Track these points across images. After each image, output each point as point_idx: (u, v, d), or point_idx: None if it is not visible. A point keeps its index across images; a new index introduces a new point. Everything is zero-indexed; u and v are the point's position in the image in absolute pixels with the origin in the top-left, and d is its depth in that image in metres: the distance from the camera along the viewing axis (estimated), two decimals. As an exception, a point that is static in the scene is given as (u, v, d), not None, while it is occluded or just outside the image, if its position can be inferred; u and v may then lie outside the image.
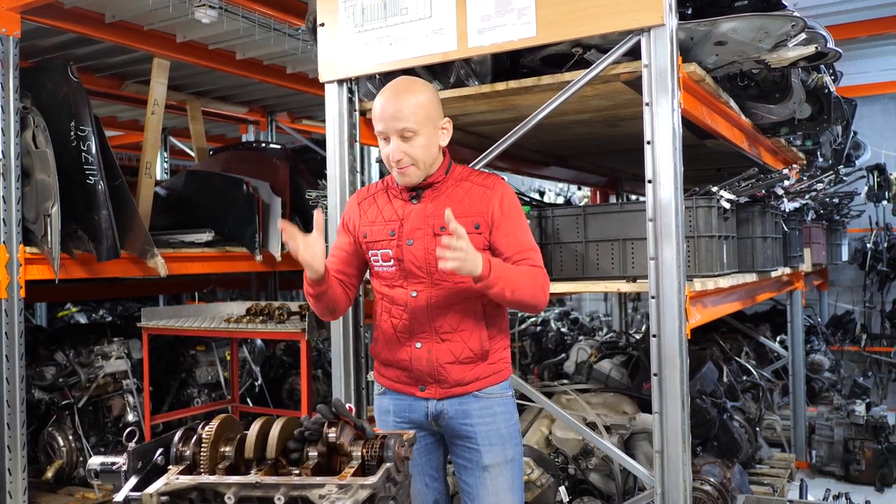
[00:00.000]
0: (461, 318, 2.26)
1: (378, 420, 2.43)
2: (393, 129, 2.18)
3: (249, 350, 5.59)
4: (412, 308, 2.26)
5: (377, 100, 2.23)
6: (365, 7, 2.86)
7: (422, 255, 2.24)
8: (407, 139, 2.19)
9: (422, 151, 2.21)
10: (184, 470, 1.82)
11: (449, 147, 3.76)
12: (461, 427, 2.30)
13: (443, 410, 2.30)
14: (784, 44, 2.74)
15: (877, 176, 7.65)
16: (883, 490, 5.08)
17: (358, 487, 1.66)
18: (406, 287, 2.28)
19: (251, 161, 5.80)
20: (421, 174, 2.25)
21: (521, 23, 2.57)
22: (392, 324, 2.31)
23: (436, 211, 2.24)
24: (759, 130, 3.86)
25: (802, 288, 5.43)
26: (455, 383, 2.28)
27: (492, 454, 2.29)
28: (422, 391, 2.31)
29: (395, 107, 2.18)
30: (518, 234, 2.26)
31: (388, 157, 2.22)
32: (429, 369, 2.27)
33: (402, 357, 2.31)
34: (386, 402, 2.41)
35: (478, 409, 2.29)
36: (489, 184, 2.29)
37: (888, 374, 7.79)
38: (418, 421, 2.34)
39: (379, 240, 2.30)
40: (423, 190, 2.28)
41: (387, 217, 2.31)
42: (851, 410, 5.35)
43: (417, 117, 2.19)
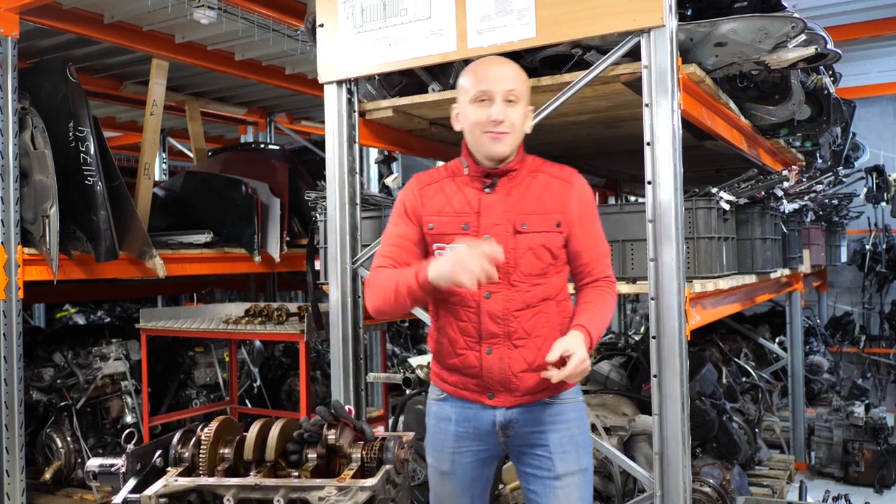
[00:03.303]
0: (536, 323, 2.10)
1: (433, 427, 2.24)
2: (500, 89, 2.04)
3: (248, 351, 5.57)
4: (484, 311, 2.08)
5: (473, 67, 2.12)
6: (364, 8, 2.86)
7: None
8: (511, 103, 2.05)
9: (520, 121, 2.08)
10: (183, 472, 1.82)
11: (448, 147, 3.76)
12: (532, 435, 2.15)
13: (512, 419, 2.13)
14: (784, 45, 2.74)
15: (876, 177, 7.65)
16: (882, 492, 5.08)
17: (357, 489, 1.66)
18: (478, 287, 2.02)
19: (250, 162, 5.79)
20: (512, 147, 2.08)
21: (520, 24, 2.57)
22: (459, 327, 2.12)
23: (516, 204, 2.09)
24: (759, 132, 3.86)
25: (801, 289, 5.43)
26: (526, 392, 2.12)
27: (566, 463, 2.14)
28: (490, 399, 2.13)
29: (502, 70, 2.10)
30: (595, 235, 2.16)
31: (487, 119, 2.04)
32: (500, 377, 2.10)
33: (470, 363, 2.12)
34: (447, 410, 2.20)
35: (550, 416, 2.15)
36: (567, 176, 2.16)
37: (887, 376, 7.79)
38: (483, 431, 2.16)
39: (448, 233, 2.11)
40: (499, 178, 2.11)
41: (457, 208, 2.12)
42: (850, 412, 5.35)
43: (521, 86, 2.09)
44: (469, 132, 2.11)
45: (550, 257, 2.09)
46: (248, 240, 5.05)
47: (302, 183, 5.66)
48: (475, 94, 2.07)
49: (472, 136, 2.09)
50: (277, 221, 5.20)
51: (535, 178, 2.13)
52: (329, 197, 3.02)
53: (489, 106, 2.04)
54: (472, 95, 2.08)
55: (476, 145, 2.10)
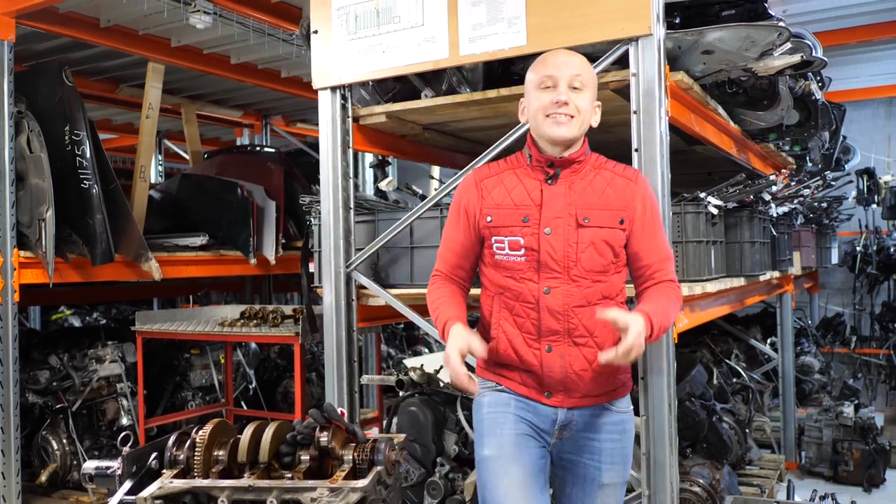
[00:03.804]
0: (595, 321, 2.03)
1: (488, 416, 2.12)
2: (566, 74, 2.02)
3: (244, 353, 5.61)
4: (544, 306, 2.02)
5: (539, 59, 2.12)
6: (358, 15, 2.90)
7: (561, 247, 2.01)
8: (576, 90, 2.03)
9: (585, 108, 2.05)
10: (178, 474, 1.86)
11: (441, 151, 3.80)
12: (586, 441, 2.10)
13: (572, 420, 2.08)
14: (770, 53, 2.78)
15: (866, 180, 7.72)
16: (870, 490, 5.13)
17: (349, 491, 1.70)
18: (538, 282, 2.02)
19: (246, 165, 5.83)
20: (575, 133, 2.04)
21: (511, 32, 2.61)
22: (516, 322, 2.06)
23: (579, 198, 2.05)
24: (748, 136, 3.90)
25: (792, 291, 5.48)
26: (585, 394, 2.07)
27: (612, 473, 2.11)
28: (547, 398, 2.07)
29: (568, 57, 2.08)
30: (658, 238, 2.11)
31: (550, 102, 2.02)
32: (561, 376, 2.04)
33: (529, 361, 2.05)
34: (506, 397, 2.12)
35: (609, 425, 2.11)
36: (631, 175, 2.12)
37: (878, 376, 7.85)
38: (541, 427, 2.09)
39: (507, 225, 2.05)
40: (562, 169, 2.07)
41: (517, 200, 2.06)
42: (840, 412, 5.40)
43: (587, 74, 2.07)
44: (532, 118, 2.08)
45: (612, 254, 2.05)
46: (244, 242, 5.09)
47: (297, 185, 5.69)
48: (540, 79, 2.05)
49: (535, 121, 2.07)
50: (273, 224, 5.23)
51: (599, 174, 2.09)
52: (323, 201, 3.06)
53: (553, 91, 2.02)
54: (537, 82, 2.06)
55: (538, 130, 2.07)
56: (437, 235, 3.03)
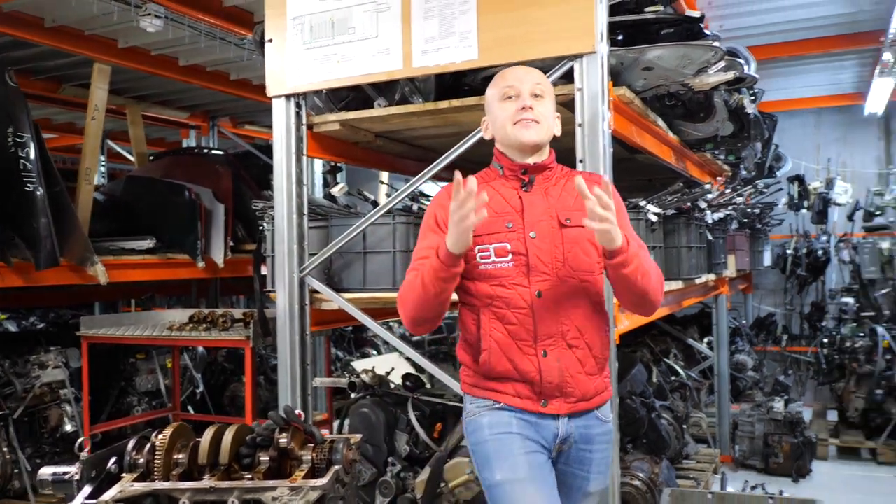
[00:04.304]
0: (587, 321, 2.05)
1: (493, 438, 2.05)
2: (527, 83, 2.07)
3: (191, 357, 5.58)
4: (537, 309, 2.00)
5: (498, 75, 2.15)
6: (313, 25, 2.96)
7: (548, 249, 2.02)
8: (538, 98, 2.07)
9: (548, 115, 2.09)
10: (138, 477, 1.89)
11: (393, 158, 3.87)
12: (580, 452, 2.10)
13: (571, 434, 2.07)
14: (706, 70, 2.95)
15: (797, 186, 8.10)
16: (798, 481, 5.40)
17: (309, 489, 1.77)
18: (528, 286, 2.01)
19: (193, 167, 5.79)
20: (543, 137, 2.08)
21: (463, 46, 2.71)
22: (508, 331, 2.02)
23: (557, 201, 2.07)
24: (686, 146, 4.09)
25: (727, 292, 5.72)
26: (580, 397, 2.05)
27: (598, 482, 2.14)
28: (544, 406, 2.03)
29: (527, 70, 2.15)
30: (629, 230, 2.09)
31: (516, 110, 2.05)
32: (559, 381, 2.01)
33: (525, 369, 2.01)
34: (506, 417, 2.06)
35: (600, 435, 2.12)
36: (598, 180, 2.08)
37: (806, 373, 8.22)
38: (545, 442, 2.06)
39: (491, 232, 2.03)
40: (535, 175, 2.10)
41: (498, 208, 2.06)
42: (771, 407, 5.67)
43: (546, 84, 2.13)
44: (499, 129, 2.11)
45: (596, 254, 2.05)
46: (192, 245, 5.06)
47: (246, 188, 5.69)
48: (502, 92, 2.09)
49: (503, 131, 2.09)
50: (221, 227, 5.22)
51: (570, 181, 2.11)
52: (277, 207, 3.10)
53: (517, 99, 2.07)
54: (499, 95, 2.10)
55: (507, 139, 2.09)
56: (390, 241, 3.12)
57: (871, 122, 8.42)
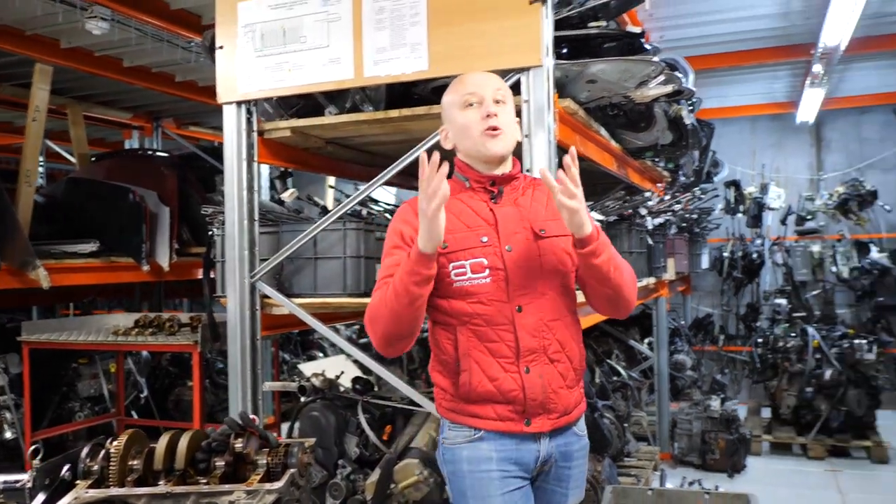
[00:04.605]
0: (566, 334, 2.02)
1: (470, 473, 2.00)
2: (489, 89, 2.01)
3: (135, 361, 5.50)
4: (520, 325, 1.95)
5: (455, 81, 2.09)
6: (265, 33, 2.98)
7: (525, 262, 1.97)
8: (500, 103, 2.01)
9: (511, 123, 2.05)
10: (92, 484, 1.90)
11: (344, 163, 3.91)
12: (560, 470, 2.07)
13: (552, 454, 2.03)
14: (646, 83, 3.08)
15: (733, 191, 8.41)
16: (733, 476, 5.64)
17: (265, 492, 1.81)
18: (508, 301, 1.95)
19: (137, 169, 5.70)
20: (510, 147, 2.03)
21: (413, 57, 2.77)
22: (489, 349, 1.96)
23: (529, 212, 2.02)
24: (628, 153, 4.24)
25: (667, 294, 5.92)
26: (563, 412, 2.01)
27: (575, 496, 2.12)
28: (527, 425, 1.98)
29: (488, 76, 2.08)
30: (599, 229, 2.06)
31: (481, 118, 1.99)
32: (542, 397, 1.96)
33: (508, 388, 1.95)
34: (485, 449, 1.99)
35: (578, 451, 2.10)
36: None
37: (742, 372, 8.54)
38: (525, 465, 2.01)
39: (466, 248, 1.96)
40: (504, 186, 2.05)
41: (469, 222, 2.00)
42: (708, 406, 5.90)
43: (506, 89, 2.08)
44: (463, 139, 2.03)
45: (571, 262, 2.02)
46: (136, 249, 5.00)
47: (192, 191, 5.63)
48: (463, 99, 2.02)
49: (468, 141, 2.02)
50: (167, 230, 5.16)
51: (537, 189, 2.09)
52: (227, 213, 3.12)
53: (479, 107, 2.00)
54: (459, 102, 2.03)
55: (473, 149, 2.02)
56: (340, 247, 3.16)
57: (804, 130, 8.80)
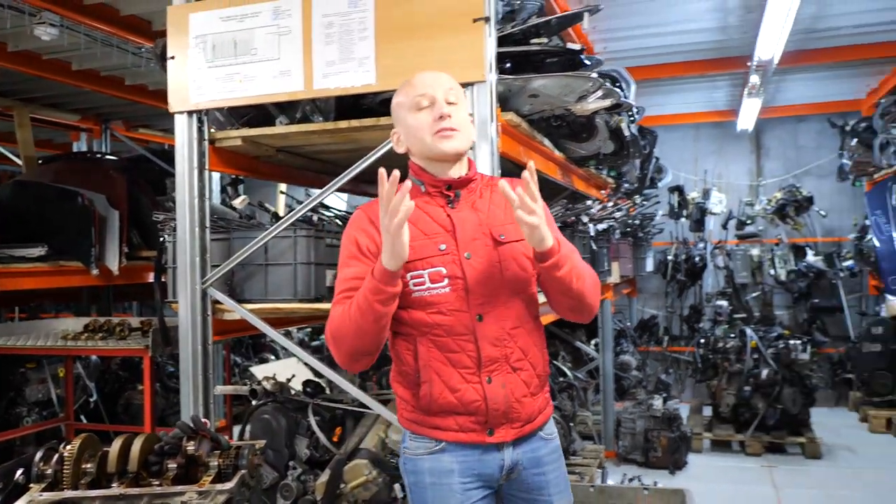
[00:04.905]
0: (528, 341, 1.98)
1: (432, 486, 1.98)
2: (441, 88, 1.96)
3: (84, 366, 5.47)
4: (481, 335, 1.91)
5: (406, 83, 2.04)
6: (216, 44, 3.04)
7: (486, 269, 1.92)
8: (452, 104, 1.96)
9: (464, 122, 1.99)
10: (46, 487, 1.95)
11: (294, 170, 3.98)
12: (534, 478, 2.02)
13: (518, 461, 1.99)
14: (586, 97, 3.23)
15: (677, 196, 8.69)
16: (675, 472, 5.85)
17: (216, 493, 1.89)
18: (468, 310, 1.91)
19: (86, 172, 5.66)
20: (464, 146, 1.98)
21: (362, 71, 2.87)
22: (450, 359, 1.92)
23: (487, 216, 1.98)
24: (572, 162, 4.40)
25: (611, 297, 6.11)
26: (526, 420, 1.98)
27: (561, 500, 2.06)
28: (490, 435, 1.94)
29: (439, 75, 2.02)
30: (560, 234, 2.02)
31: (434, 119, 1.94)
32: (505, 407, 1.93)
33: (470, 398, 1.92)
34: (447, 462, 1.96)
35: (548, 455, 2.05)
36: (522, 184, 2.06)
37: (686, 371, 8.82)
38: (489, 478, 1.98)
39: (424, 257, 1.91)
40: (461, 189, 2.00)
41: (426, 229, 1.94)
42: (650, 405, 6.11)
43: (459, 90, 2.02)
44: (416, 142, 1.98)
45: (533, 268, 1.97)
46: (85, 253, 4.97)
47: (142, 194, 5.62)
48: (414, 101, 1.97)
49: (421, 143, 1.97)
50: (116, 234, 5.15)
51: (495, 191, 2.04)
52: (179, 220, 3.16)
53: (431, 108, 1.95)
54: (411, 104, 1.98)
55: (427, 151, 1.97)
56: (291, 253, 3.24)
57: (744, 137, 9.12)
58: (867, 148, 7.25)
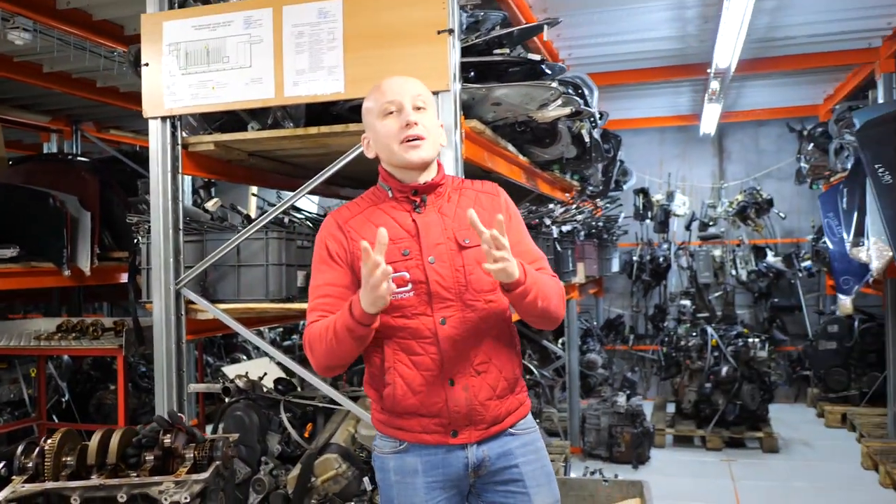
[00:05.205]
0: (495, 345, 2.01)
1: (398, 484, 2.03)
2: (408, 95, 1.99)
3: (56, 366, 5.51)
4: (442, 338, 1.94)
5: (375, 88, 2.07)
6: (189, 52, 3.14)
7: (449, 274, 1.96)
8: (420, 109, 2.00)
9: (433, 128, 2.02)
10: (27, 479, 2.05)
11: (265, 173, 4.08)
12: (506, 471, 2.03)
13: (485, 457, 2.01)
14: (546, 105, 3.38)
15: (642, 198, 8.90)
16: (637, 467, 6.04)
17: (192, 482, 2.00)
18: (432, 314, 1.95)
19: (58, 174, 5.68)
20: (431, 153, 2.01)
21: (331, 79, 2.98)
22: (413, 362, 1.96)
23: (452, 221, 2.01)
24: (537, 166, 4.55)
25: (577, 297, 6.27)
26: (492, 422, 2.00)
27: (541, 495, 2.04)
28: (454, 437, 1.98)
29: (405, 80, 2.06)
30: (527, 241, 2.09)
31: (400, 127, 1.97)
32: (467, 410, 1.96)
33: (433, 401, 1.96)
34: (411, 461, 2.01)
35: (521, 448, 2.05)
36: (493, 190, 2.13)
37: (651, 369, 9.05)
38: (455, 476, 2.01)
39: (388, 262, 1.86)
40: (427, 195, 2.03)
41: (392, 235, 1.95)
42: (614, 401, 6.29)
43: (427, 94, 2.06)
44: (384, 149, 2.01)
45: None
46: (57, 254, 5.01)
47: (114, 195, 5.66)
48: (382, 107, 2.00)
49: (388, 151, 2.00)
50: (88, 235, 5.19)
51: (463, 195, 2.08)
52: (153, 223, 3.25)
53: (398, 115, 1.98)
54: (378, 111, 2.01)
55: (393, 159, 2.00)
56: (263, 255, 3.34)
57: (707, 141, 9.37)
58: (823, 152, 7.50)
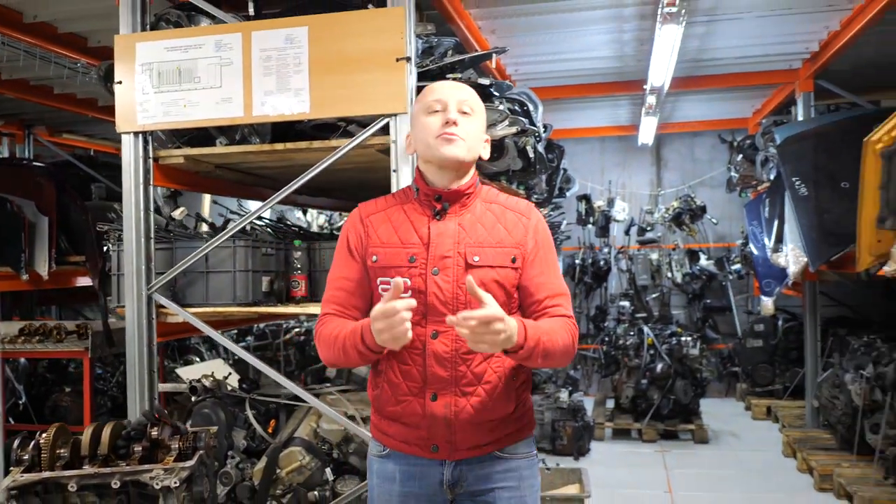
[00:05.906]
0: (487, 368, 1.91)
1: (378, 487, 2.02)
2: (455, 98, 1.95)
3: (12, 369, 5.57)
4: (430, 352, 1.89)
5: (428, 87, 2.05)
6: (161, 72, 3.33)
7: (450, 290, 1.90)
8: (465, 114, 1.95)
9: (474, 134, 1.96)
10: (24, 470, 2.25)
11: (232, 184, 4.29)
12: (481, 495, 1.96)
13: (461, 476, 1.95)
14: (494, 125, 3.68)
15: (584, 204, 9.31)
16: (578, 458, 6.41)
17: (180, 469, 2.23)
18: (425, 326, 1.89)
19: (13, 178, 5.72)
20: (466, 156, 1.93)
21: (297, 101, 3.22)
22: (400, 370, 1.92)
23: (468, 234, 1.93)
24: (486, 177, 4.85)
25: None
26: (473, 445, 1.94)
27: None
28: (434, 452, 1.93)
29: (457, 85, 2.03)
30: (551, 274, 1.99)
31: (440, 124, 1.93)
32: (445, 428, 1.90)
33: (411, 411, 1.92)
34: (390, 468, 1.99)
35: (501, 473, 1.96)
36: (524, 209, 2.03)
37: (592, 367, 9.46)
38: (430, 490, 1.96)
39: (393, 266, 1.91)
40: (450, 204, 1.96)
41: (404, 238, 1.94)
42: (557, 397, 6.65)
43: (477, 104, 2.01)
44: (421, 143, 1.98)
45: (504, 295, 1.93)
46: (15, 258, 5.09)
47: (70, 200, 5.74)
48: (428, 104, 1.97)
49: (425, 144, 1.95)
50: (45, 239, 5.28)
51: (489, 209, 1.99)
52: (126, 232, 3.43)
53: (442, 113, 1.94)
54: (424, 108, 1.98)
55: (428, 153, 1.95)
56: (230, 262, 3.56)
57: (645, 151, 9.82)
58: (751, 163, 8.00)
